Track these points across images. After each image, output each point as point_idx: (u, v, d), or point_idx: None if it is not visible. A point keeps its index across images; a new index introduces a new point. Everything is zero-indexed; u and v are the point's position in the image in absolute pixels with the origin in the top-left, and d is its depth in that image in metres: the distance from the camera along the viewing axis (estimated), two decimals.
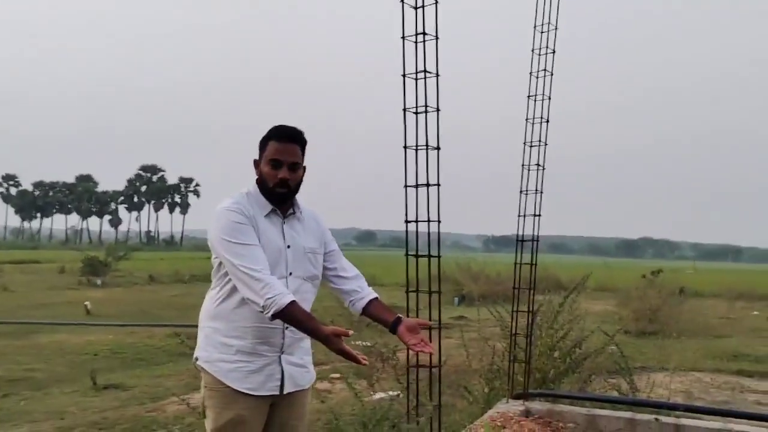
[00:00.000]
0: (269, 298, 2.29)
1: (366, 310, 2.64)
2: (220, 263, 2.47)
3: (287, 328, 2.47)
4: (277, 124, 2.55)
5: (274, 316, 2.31)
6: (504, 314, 5.97)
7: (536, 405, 5.02)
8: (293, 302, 2.32)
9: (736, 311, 19.88)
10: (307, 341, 2.62)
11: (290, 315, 2.32)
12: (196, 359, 2.58)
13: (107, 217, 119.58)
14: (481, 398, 5.51)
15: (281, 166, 2.48)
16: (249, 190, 2.56)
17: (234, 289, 2.44)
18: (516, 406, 4.92)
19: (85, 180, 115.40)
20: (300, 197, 2.62)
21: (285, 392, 2.53)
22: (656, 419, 4.51)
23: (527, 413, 4.87)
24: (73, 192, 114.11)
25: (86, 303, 17.63)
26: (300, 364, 2.59)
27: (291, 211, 2.58)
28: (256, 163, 2.57)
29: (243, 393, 2.46)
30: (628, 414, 4.78)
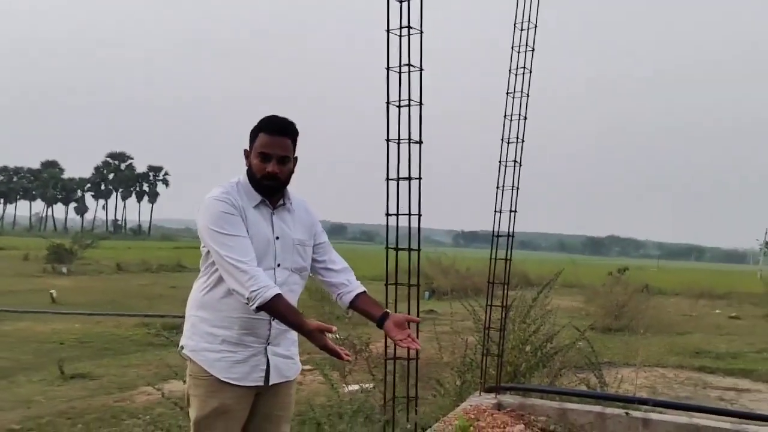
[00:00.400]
0: (254, 291, 2.28)
1: (353, 304, 2.64)
2: (208, 252, 2.45)
3: (274, 319, 2.46)
4: (268, 115, 2.51)
5: (259, 309, 2.31)
6: (477, 308, 6.03)
7: (508, 398, 5.09)
8: (278, 295, 2.30)
9: (698, 309, 20.37)
10: (294, 332, 2.61)
11: (275, 308, 2.31)
12: (182, 348, 2.56)
13: (73, 205, 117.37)
14: (453, 391, 5.57)
15: (270, 159, 2.46)
16: (239, 180, 2.53)
17: (221, 279, 2.42)
18: (488, 399, 4.98)
19: (51, 166, 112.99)
20: (290, 187, 2.60)
21: (270, 383, 2.53)
22: (626, 413, 4.61)
23: (499, 406, 4.93)
24: (38, 178, 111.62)
25: (52, 291, 17.35)
26: (286, 355, 2.59)
27: (281, 202, 2.56)
28: (247, 153, 2.54)
29: (228, 383, 2.45)
30: (598, 408, 4.87)
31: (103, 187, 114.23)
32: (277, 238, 2.51)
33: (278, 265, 2.50)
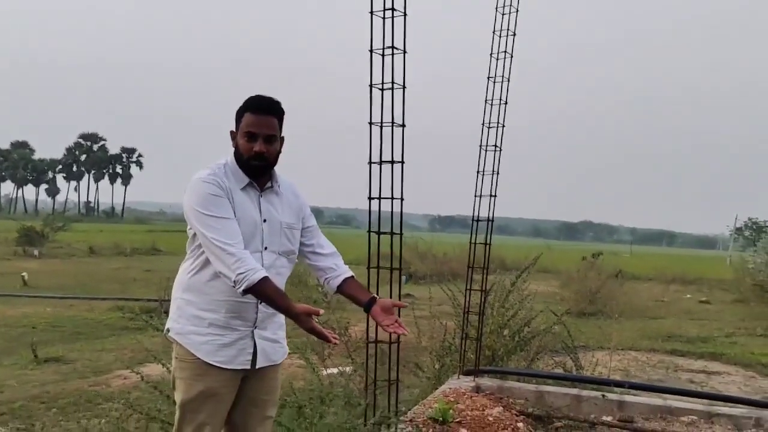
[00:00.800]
0: (241, 273, 2.26)
1: (341, 288, 2.63)
2: (195, 234, 2.42)
3: (261, 302, 2.45)
4: (253, 95, 2.47)
5: (246, 292, 2.29)
6: (456, 293, 6.06)
7: (486, 381, 5.14)
8: (265, 278, 2.29)
9: (670, 294, 20.74)
10: (281, 316, 2.60)
11: (262, 291, 2.29)
12: (168, 330, 2.53)
13: (44, 186, 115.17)
14: (432, 375, 5.61)
15: (256, 138, 2.43)
16: (227, 162, 2.50)
17: (208, 262, 2.39)
18: (467, 382, 5.03)
19: (21, 147, 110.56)
20: (279, 170, 2.58)
21: (257, 367, 2.51)
22: (603, 396, 4.68)
23: (478, 389, 4.98)
24: (7, 159, 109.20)
25: (23, 274, 17.08)
26: (273, 339, 2.56)
27: (269, 184, 2.54)
28: (233, 135, 2.50)
29: (214, 366, 2.43)
30: (574, 390, 4.94)
31: (74, 168, 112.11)
32: (265, 220, 2.49)
33: (265, 248, 2.48)
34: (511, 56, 5.03)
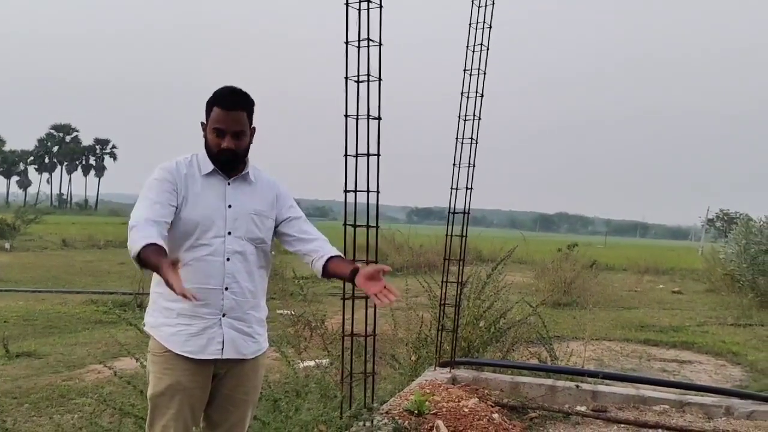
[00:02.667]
0: (130, 246, 2.18)
1: (326, 269, 2.52)
2: None
3: (227, 288, 2.44)
4: (222, 87, 2.45)
5: (140, 265, 2.19)
6: (433, 285, 6.07)
7: (462, 372, 5.17)
8: (146, 245, 2.14)
9: (643, 285, 21.01)
10: (261, 311, 2.58)
11: (146, 259, 2.14)
12: (144, 325, 2.54)
13: (15, 178, 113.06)
14: (408, 367, 5.63)
15: (224, 135, 2.42)
16: (198, 153, 2.53)
17: (173, 251, 2.37)
18: (443, 374, 5.06)
19: None
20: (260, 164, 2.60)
21: (224, 357, 2.47)
22: (577, 386, 4.73)
23: (454, 380, 5.01)
24: None
25: None
26: (245, 331, 2.52)
27: (245, 171, 2.53)
28: (204, 126, 2.49)
29: (184, 357, 2.42)
30: (549, 381, 5.00)
31: (47, 160, 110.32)
32: (230, 206, 2.48)
33: (229, 233, 2.47)
34: (488, 49, 5.04)
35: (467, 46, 5.00)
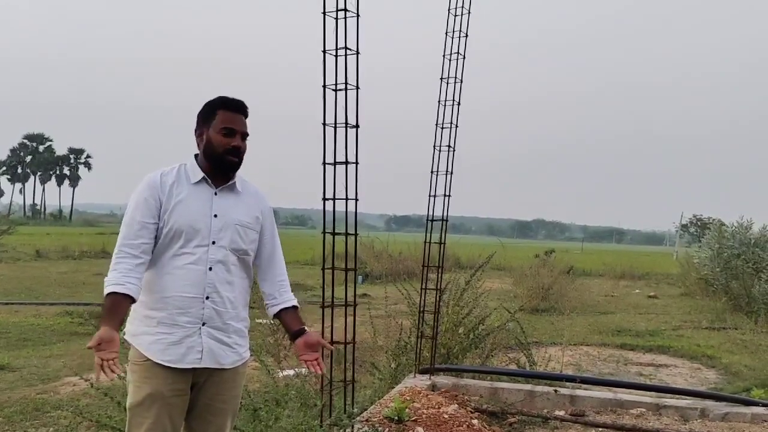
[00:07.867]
0: (107, 279, 2.37)
1: (278, 316, 2.70)
2: None
3: (207, 298, 2.44)
4: (221, 96, 2.54)
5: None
6: (412, 292, 6.09)
7: (442, 379, 5.19)
8: (111, 293, 2.34)
9: (620, 290, 21.24)
10: (241, 322, 2.58)
11: (107, 306, 2.35)
12: (124, 334, 2.52)
13: None
14: (388, 374, 5.63)
15: (234, 134, 2.49)
16: (186, 163, 2.55)
17: (153, 261, 2.42)
18: (423, 381, 5.07)
19: None
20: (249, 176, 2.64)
21: (202, 366, 2.46)
22: (555, 391, 4.77)
23: (433, 387, 5.03)
24: None
25: None
26: (224, 341, 2.51)
27: (232, 181, 2.55)
28: (200, 134, 2.53)
29: (163, 366, 2.41)
30: (528, 386, 5.04)
31: (19, 170, 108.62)
32: (216, 215, 2.49)
33: (213, 243, 2.48)
34: (464, 57, 5.09)
35: (443, 54, 5.05)
